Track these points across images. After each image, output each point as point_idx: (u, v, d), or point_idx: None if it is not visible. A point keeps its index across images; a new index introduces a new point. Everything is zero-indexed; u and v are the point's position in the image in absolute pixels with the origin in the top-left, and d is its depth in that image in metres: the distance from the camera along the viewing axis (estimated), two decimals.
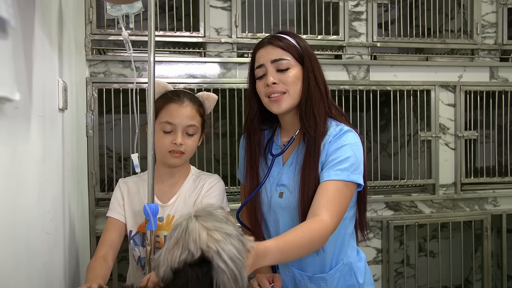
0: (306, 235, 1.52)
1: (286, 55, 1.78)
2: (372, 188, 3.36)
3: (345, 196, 1.67)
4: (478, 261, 3.63)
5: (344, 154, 1.71)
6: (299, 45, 1.81)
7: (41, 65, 1.51)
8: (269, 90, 1.79)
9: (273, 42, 1.80)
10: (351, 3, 3.29)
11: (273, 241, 1.46)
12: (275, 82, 1.76)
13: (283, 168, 1.88)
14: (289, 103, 1.79)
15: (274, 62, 1.78)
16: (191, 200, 1.99)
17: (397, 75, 3.34)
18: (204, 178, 2.05)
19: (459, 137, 3.40)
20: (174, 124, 1.90)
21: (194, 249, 1.24)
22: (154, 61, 1.78)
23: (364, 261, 1.97)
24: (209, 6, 3.07)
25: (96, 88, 2.84)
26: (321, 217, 1.58)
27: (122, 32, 1.94)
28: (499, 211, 3.52)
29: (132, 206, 2.00)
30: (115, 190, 2.05)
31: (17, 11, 1.18)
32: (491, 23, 3.52)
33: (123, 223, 1.99)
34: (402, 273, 3.68)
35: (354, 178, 1.69)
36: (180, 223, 1.34)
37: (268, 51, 1.80)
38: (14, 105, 1.17)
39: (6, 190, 1.14)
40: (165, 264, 1.28)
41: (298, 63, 1.80)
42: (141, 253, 1.98)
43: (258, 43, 1.86)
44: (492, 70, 3.49)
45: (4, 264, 1.12)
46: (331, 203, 1.62)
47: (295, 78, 1.78)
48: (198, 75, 3.04)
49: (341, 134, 1.76)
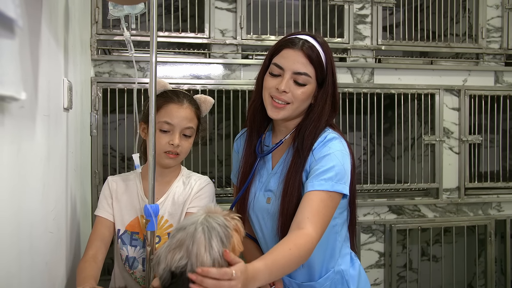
0: (293, 252, 1.50)
1: (310, 70, 1.71)
2: (375, 192, 3.36)
3: (329, 208, 1.64)
4: (482, 266, 3.62)
5: (329, 164, 1.66)
6: (326, 64, 1.74)
7: (47, 64, 1.52)
8: (275, 94, 1.73)
9: (305, 50, 1.70)
10: (356, 6, 3.29)
11: (261, 261, 1.45)
12: (286, 91, 1.70)
13: (271, 172, 1.85)
14: (288, 114, 1.75)
15: (296, 73, 1.70)
16: (180, 200, 1.98)
17: (401, 79, 3.34)
18: (194, 179, 2.03)
19: (463, 141, 3.40)
20: (173, 124, 1.89)
21: (194, 262, 1.29)
22: (156, 62, 1.77)
23: (359, 269, 1.91)
24: (214, 7, 3.08)
25: (100, 88, 2.84)
26: (305, 230, 1.56)
27: (124, 33, 1.94)
28: (503, 216, 3.51)
29: (120, 205, 1.98)
30: (103, 188, 2.01)
31: (24, 10, 1.19)
32: (496, 28, 3.51)
33: (111, 222, 1.96)
34: (404, 277, 3.67)
35: (338, 188, 1.64)
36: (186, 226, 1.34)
37: (297, 59, 1.71)
38: (19, 104, 1.18)
39: (11, 189, 1.14)
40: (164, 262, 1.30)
41: (316, 82, 1.74)
42: (129, 252, 1.96)
43: (290, 41, 1.75)
44: (497, 75, 3.49)
45: (7, 262, 1.12)
46: (316, 215, 1.59)
47: (306, 96, 1.73)
48: (203, 76, 3.04)
49: (326, 141, 1.73)
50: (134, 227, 1.96)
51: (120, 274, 2.03)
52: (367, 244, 3.36)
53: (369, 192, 3.35)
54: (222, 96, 3.08)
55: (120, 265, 2.02)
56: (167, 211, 1.97)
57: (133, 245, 1.95)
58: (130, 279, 1.98)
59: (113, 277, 2.08)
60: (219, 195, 3.07)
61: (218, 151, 3.16)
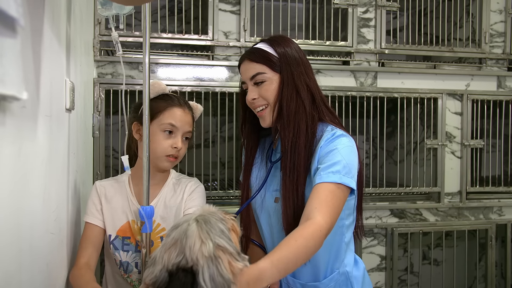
0: (300, 243, 1.46)
1: (262, 68, 1.77)
2: (377, 195, 3.36)
3: (338, 198, 1.60)
4: (482, 270, 3.62)
5: (336, 158, 1.65)
6: (276, 52, 1.79)
7: (49, 64, 1.52)
8: (252, 106, 1.82)
9: (248, 57, 1.81)
10: (360, 10, 3.29)
11: (266, 260, 1.41)
12: (255, 97, 1.78)
13: (278, 173, 1.85)
14: (271, 116, 1.79)
15: (252, 78, 1.79)
16: (172, 203, 1.96)
17: (404, 83, 3.34)
18: (184, 182, 2.02)
19: (465, 145, 3.39)
20: (177, 127, 1.89)
21: (189, 256, 1.25)
22: (149, 63, 1.76)
23: (363, 271, 1.91)
24: (218, 9, 3.08)
25: (103, 89, 2.85)
26: (313, 219, 1.52)
27: (112, 33, 1.89)
28: (504, 221, 3.51)
29: (110, 210, 1.95)
30: (91, 194, 1.99)
31: (26, 10, 1.19)
32: (499, 33, 3.51)
33: (101, 228, 1.94)
34: (405, 280, 3.67)
35: (346, 181, 1.62)
36: (180, 224, 1.33)
37: (246, 67, 1.80)
38: (21, 104, 1.18)
39: (12, 189, 1.14)
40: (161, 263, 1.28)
41: (276, 73, 1.77)
42: (122, 257, 1.94)
43: (240, 58, 1.87)
44: (499, 80, 3.49)
45: (7, 263, 1.12)
46: (323, 204, 1.56)
47: (272, 90, 1.77)
48: (206, 78, 3.05)
49: (334, 138, 1.72)
50: (126, 232, 1.94)
51: (113, 278, 2.01)
52: (369, 248, 3.35)
53: (371, 195, 3.34)
54: (225, 98, 3.08)
55: (114, 269, 2.00)
56: (159, 215, 1.95)
57: (125, 250, 1.94)
58: (125, 283, 1.97)
59: (104, 282, 2.06)
60: (221, 197, 3.08)
61: (221, 154, 3.16)
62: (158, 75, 2.98)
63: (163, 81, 2.82)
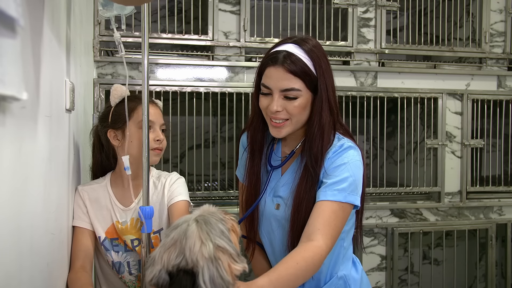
0: (301, 266, 1.48)
1: (299, 84, 1.63)
2: (377, 195, 3.36)
3: (340, 219, 1.61)
4: (482, 269, 3.62)
5: (343, 174, 1.63)
6: (315, 69, 1.65)
7: (49, 65, 1.52)
8: (271, 114, 1.68)
9: (287, 65, 1.62)
10: (360, 9, 3.29)
11: (265, 278, 1.42)
12: (279, 110, 1.64)
13: (281, 179, 1.82)
14: (289, 130, 1.70)
15: (283, 91, 1.63)
16: (154, 200, 1.96)
17: (404, 82, 3.34)
18: (164, 176, 2.03)
19: (466, 145, 3.40)
20: (153, 121, 1.92)
21: (189, 257, 1.25)
22: (147, 63, 1.76)
23: (361, 272, 1.90)
24: (218, 9, 3.08)
25: (103, 89, 2.85)
26: (315, 242, 1.53)
27: (114, 34, 1.89)
28: (504, 220, 3.51)
29: (95, 212, 1.96)
30: (76, 198, 1.99)
31: (26, 10, 1.19)
32: (499, 32, 3.51)
33: (91, 231, 1.95)
34: (406, 280, 3.67)
35: (351, 199, 1.62)
36: (180, 224, 1.33)
37: (280, 76, 1.63)
38: (21, 105, 1.17)
39: (12, 189, 1.14)
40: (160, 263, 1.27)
41: (309, 90, 1.65)
42: (114, 257, 1.95)
43: (270, 58, 1.68)
44: (499, 79, 3.49)
45: (7, 263, 1.12)
46: (327, 226, 1.56)
47: (302, 108, 1.66)
48: (206, 78, 3.05)
49: (342, 150, 1.69)
50: (112, 233, 1.95)
51: (105, 279, 2.03)
52: (369, 247, 3.35)
53: (372, 195, 3.35)
54: (225, 98, 3.08)
55: (107, 270, 2.01)
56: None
57: (115, 250, 1.95)
58: (120, 283, 1.98)
59: (97, 284, 2.07)
60: (221, 198, 3.07)
61: (221, 154, 3.16)
62: (158, 75, 2.98)
63: (163, 81, 2.81)
